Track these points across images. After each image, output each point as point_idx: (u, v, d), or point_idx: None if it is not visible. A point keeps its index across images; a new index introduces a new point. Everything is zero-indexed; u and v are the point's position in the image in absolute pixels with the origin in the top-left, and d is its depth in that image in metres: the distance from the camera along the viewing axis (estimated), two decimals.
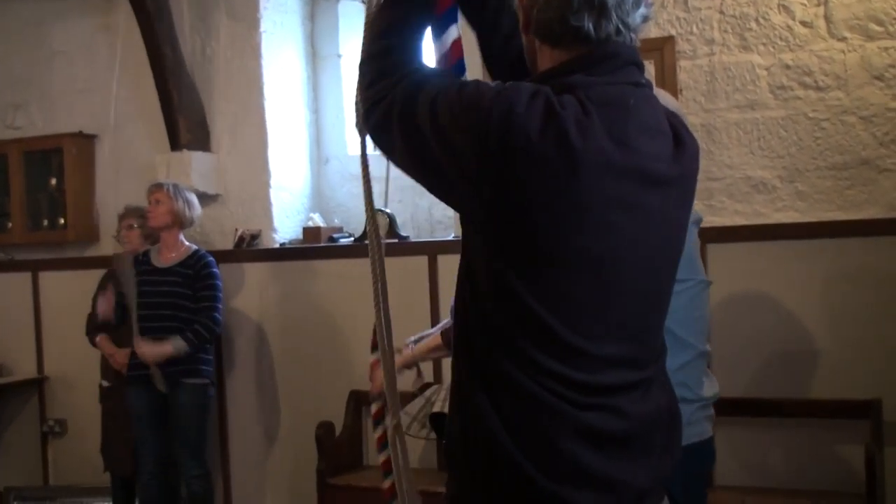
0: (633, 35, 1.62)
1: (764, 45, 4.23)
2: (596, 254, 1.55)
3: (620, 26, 1.59)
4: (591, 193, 1.52)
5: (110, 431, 5.14)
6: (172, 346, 4.60)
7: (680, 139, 1.67)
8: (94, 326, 5.14)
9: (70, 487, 5.57)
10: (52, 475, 5.99)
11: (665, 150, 1.63)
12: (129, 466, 5.04)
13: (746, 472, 4.16)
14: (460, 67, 1.95)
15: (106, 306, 4.83)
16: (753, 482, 4.14)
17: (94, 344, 5.12)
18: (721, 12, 4.30)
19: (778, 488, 4.09)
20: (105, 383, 5.16)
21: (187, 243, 4.90)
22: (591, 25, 1.58)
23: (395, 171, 5.21)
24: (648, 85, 1.67)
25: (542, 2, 1.60)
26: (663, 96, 2.67)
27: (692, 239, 2.61)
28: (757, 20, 4.24)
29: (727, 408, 3.75)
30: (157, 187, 4.83)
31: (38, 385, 5.99)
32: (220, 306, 4.81)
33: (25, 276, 6.02)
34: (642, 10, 1.62)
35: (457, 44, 1.94)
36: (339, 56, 5.53)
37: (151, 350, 4.61)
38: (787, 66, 4.19)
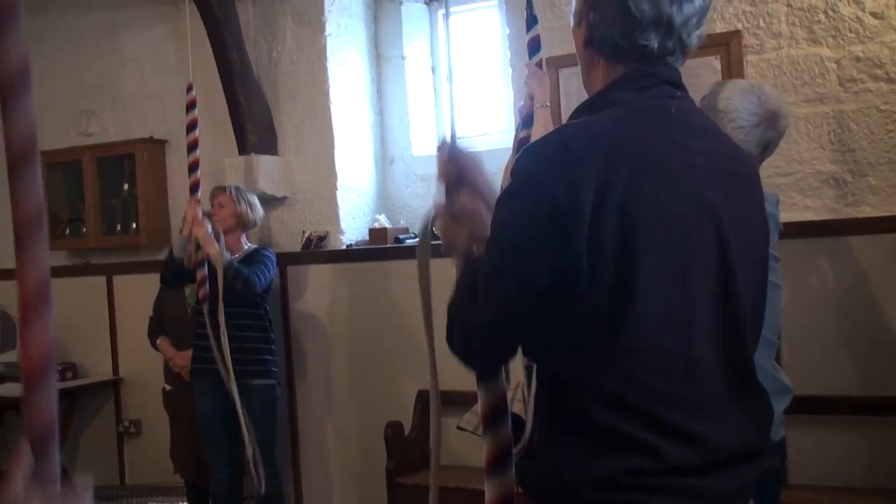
0: (684, 57, 1.68)
1: (833, 37, 4.16)
2: (674, 245, 1.55)
3: (678, 47, 1.65)
4: (654, 193, 1.53)
5: (176, 435, 5.23)
6: (222, 252, 4.50)
7: (731, 141, 1.72)
8: (155, 329, 5.24)
9: (145, 487, 5.67)
10: (129, 475, 6.11)
11: (719, 148, 1.67)
12: (193, 470, 5.13)
13: (819, 470, 4.09)
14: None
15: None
16: (827, 481, 4.06)
17: (155, 346, 5.22)
18: (788, 5, 4.24)
19: (851, 487, 4.02)
20: (168, 387, 5.26)
21: (248, 244, 4.97)
22: (656, 43, 1.63)
23: None
24: (686, 99, 1.70)
25: (609, 18, 1.64)
26: (759, 89, 2.66)
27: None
28: (826, 12, 4.17)
29: (800, 406, 3.69)
30: (220, 190, 4.89)
31: (113, 386, 6.13)
32: (263, 276, 4.70)
33: (100, 280, 6.16)
34: (700, 31, 1.67)
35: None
36: (403, 58, 5.55)
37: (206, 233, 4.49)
38: (858, 59, 4.11)
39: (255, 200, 4.98)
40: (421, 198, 5.44)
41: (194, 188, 4.51)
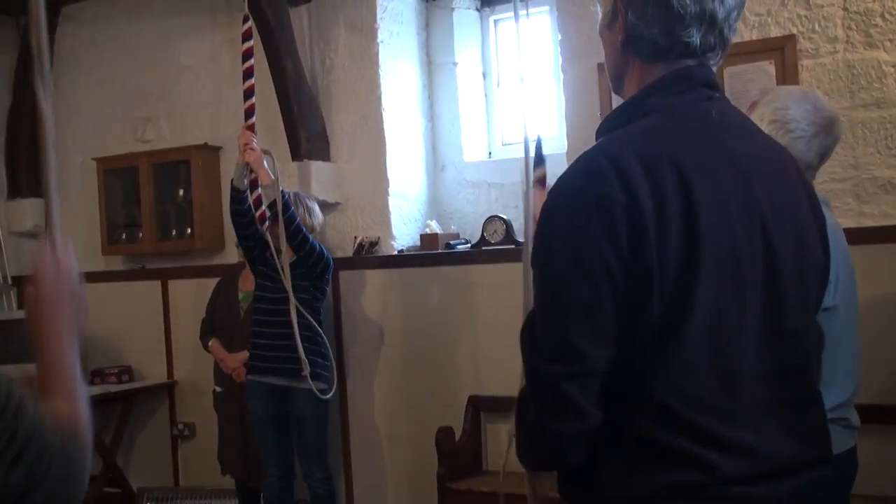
0: (723, 52, 1.65)
1: (891, 41, 4.10)
2: (726, 261, 1.52)
3: (719, 42, 1.62)
4: (701, 204, 1.50)
5: (224, 436, 5.28)
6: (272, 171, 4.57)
7: (771, 139, 1.70)
8: (207, 331, 5.29)
9: (199, 488, 5.74)
10: (182, 476, 6.19)
11: (762, 149, 1.65)
12: (243, 471, 5.17)
13: (883, 481, 4.01)
14: None
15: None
16: (891, 491, 4.00)
17: (206, 348, 5.27)
18: (844, 9, 4.19)
19: None
20: (218, 389, 5.31)
21: None
22: (698, 39, 1.60)
23: (512, 178, 5.16)
24: (723, 99, 1.68)
25: (649, 16, 1.60)
26: (813, 96, 2.60)
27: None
28: (883, 15, 4.11)
29: (866, 415, 3.63)
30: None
31: (168, 389, 6.20)
32: (317, 244, 4.77)
33: (156, 285, 6.24)
34: (737, 25, 1.65)
35: None
36: (455, 64, 5.57)
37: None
38: None
39: (315, 206, 4.99)
40: (472, 203, 5.46)
41: (249, 113, 4.57)
